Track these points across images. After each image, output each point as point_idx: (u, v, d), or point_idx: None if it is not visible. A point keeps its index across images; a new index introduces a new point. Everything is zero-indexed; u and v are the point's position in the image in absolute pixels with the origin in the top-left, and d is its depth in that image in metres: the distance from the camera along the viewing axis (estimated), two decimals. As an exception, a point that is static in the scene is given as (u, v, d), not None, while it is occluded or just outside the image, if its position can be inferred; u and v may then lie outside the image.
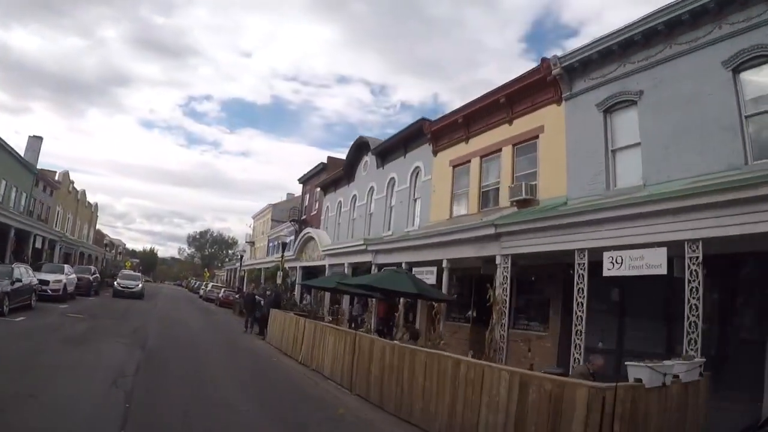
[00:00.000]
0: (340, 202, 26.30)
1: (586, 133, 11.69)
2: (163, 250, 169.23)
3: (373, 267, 16.35)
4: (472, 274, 13.93)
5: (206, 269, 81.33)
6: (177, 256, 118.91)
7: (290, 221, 36.42)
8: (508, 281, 10.24)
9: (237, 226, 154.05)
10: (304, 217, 34.29)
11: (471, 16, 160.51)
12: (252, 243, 55.32)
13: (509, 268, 10.31)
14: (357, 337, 8.91)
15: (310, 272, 26.73)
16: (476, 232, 11.26)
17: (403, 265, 13.81)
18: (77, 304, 19.99)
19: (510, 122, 14.08)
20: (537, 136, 13.13)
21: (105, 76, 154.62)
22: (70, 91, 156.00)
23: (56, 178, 40.34)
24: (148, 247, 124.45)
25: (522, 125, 13.64)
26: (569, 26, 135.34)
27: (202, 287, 50.01)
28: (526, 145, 13.52)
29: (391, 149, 20.35)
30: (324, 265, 22.24)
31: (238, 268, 46.40)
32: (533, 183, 12.82)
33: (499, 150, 14.21)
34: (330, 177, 27.98)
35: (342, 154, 30.22)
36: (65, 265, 23.37)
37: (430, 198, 16.83)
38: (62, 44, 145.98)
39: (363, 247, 17.04)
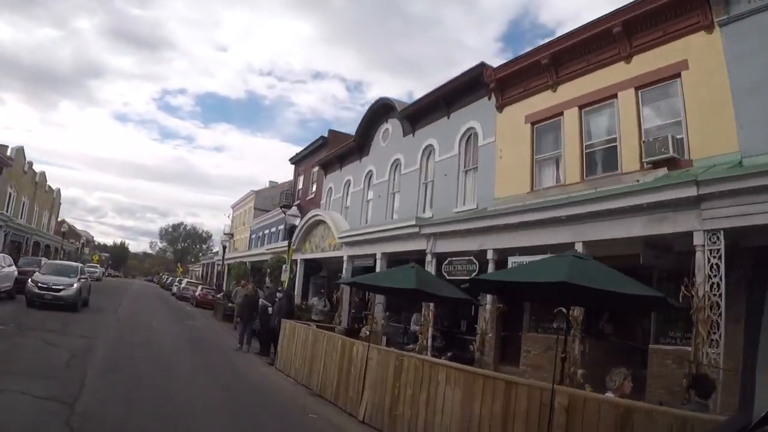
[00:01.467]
0: (348, 181, 22.14)
1: (762, 68, 8.20)
2: (135, 244, 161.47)
3: (428, 258, 12.16)
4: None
5: (179, 264, 76.40)
6: (149, 251, 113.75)
7: (280, 207, 31.89)
8: (721, 272, 6.38)
9: (210, 222, 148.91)
10: (297, 202, 29.96)
11: (450, 15, 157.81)
12: (231, 235, 50.53)
13: (722, 252, 6.43)
14: (561, 397, 4.38)
15: (313, 267, 22.68)
16: (652, 196, 7.29)
17: (490, 253, 9.83)
18: (9, 308, 14.96)
19: (628, 59, 10.29)
20: (678, 75, 9.40)
21: (79, 67, 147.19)
22: (43, 83, 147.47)
23: (8, 153, 34.67)
24: (119, 241, 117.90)
25: (648, 62, 9.90)
26: (546, 26, 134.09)
27: (176, 284, 45.12)
28: (657, 87, 9.79)
29: (427, 109, 16.16)
30: (336, 257, 18.04)
31: (220, 262, 41.55)
32: (679, 137, 9.12)
33: (613, 96, 10.40)
34: (334, 152, 23.72)
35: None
36: (1, 255, 18.32)
37: (495, 166, 12.85)
38: (36, 35, 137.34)
39: (414, 230, 12.71)
